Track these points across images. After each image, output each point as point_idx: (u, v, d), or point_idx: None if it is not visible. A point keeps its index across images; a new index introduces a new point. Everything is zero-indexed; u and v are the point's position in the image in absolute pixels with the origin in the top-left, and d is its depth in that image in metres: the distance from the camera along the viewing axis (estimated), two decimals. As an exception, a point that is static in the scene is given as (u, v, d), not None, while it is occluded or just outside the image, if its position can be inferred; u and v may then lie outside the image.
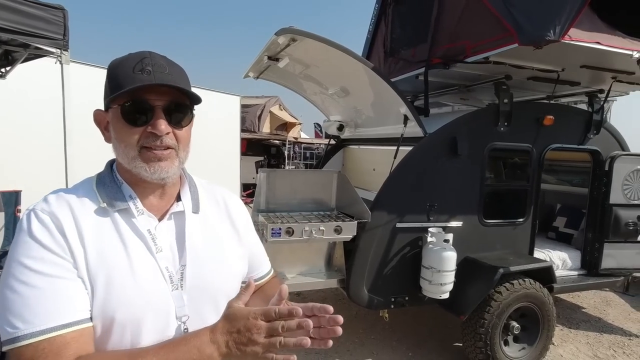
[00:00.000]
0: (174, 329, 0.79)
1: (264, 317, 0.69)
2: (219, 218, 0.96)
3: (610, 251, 3.55)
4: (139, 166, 0.79)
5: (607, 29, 2.62)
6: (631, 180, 3.57)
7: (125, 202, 0.81)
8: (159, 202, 0.87)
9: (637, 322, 4.15)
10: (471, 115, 3.18)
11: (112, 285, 0.74)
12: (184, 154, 0.85)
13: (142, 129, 0.78)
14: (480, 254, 3.12)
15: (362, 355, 3.28)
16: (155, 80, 0.76)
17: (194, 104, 0.86)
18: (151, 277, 0.79)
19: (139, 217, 0.82)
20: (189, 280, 0.82)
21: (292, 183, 3.03)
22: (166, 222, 0.86)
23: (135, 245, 0.79)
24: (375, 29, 4.33)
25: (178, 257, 0.83)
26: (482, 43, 2.82)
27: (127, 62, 0.79)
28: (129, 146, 0.79)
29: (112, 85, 0.78)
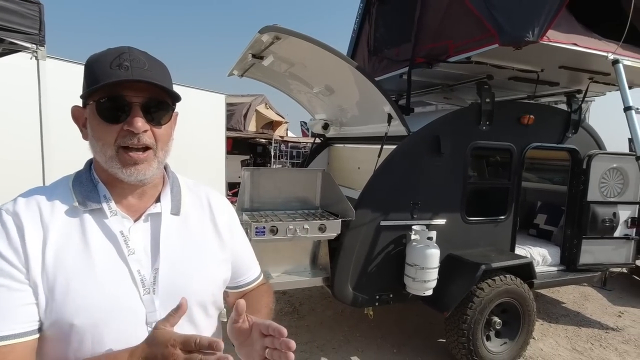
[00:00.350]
0: (143, 335, 0.74)
1: (183, 346, 0.63)
2: (202, 220, 0.93)
3: (588, 247, 3.65)
4: (115, 167, 0.77)
5: (583, 31, 2.69)
6: (607, 178, 3.67)
7: (99, 202, 0.79)
8: (137, 202, 0.84)
9: (614, 315, 4.28)
10: (454, 115, 3.22)
11: (71, 289, 0.71)
12: (162, 154, 0.82)
13: (119, 126, 0.75)
14: (463, 251, 3.17)
15: (348, 352, 3.30)
16: (132, 75, 0.74)
17: (175, 102, 0.83)
18: (118, 281, 0.76)
19: (111, 218, 0.79)
20: (162, 284, 0.79)
21: (277, 182, 3.01)
22: (142, 223, 0.83)
23: (104, 247, 0.77)
24: (359, 28, 4.35)
25: (152, 260, 0.80)
26: (464, 43, 2.86)
27: (104, 57, 0.76)
28: (106, 145, 0.76)
29: (88, 81, 0.76)
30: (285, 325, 2.33)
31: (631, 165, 3.67)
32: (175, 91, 0.81)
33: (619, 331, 3.89)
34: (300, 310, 4.09)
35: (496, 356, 3.04)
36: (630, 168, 3.68)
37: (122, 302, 0.75)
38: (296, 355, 2.65)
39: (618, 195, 3.71)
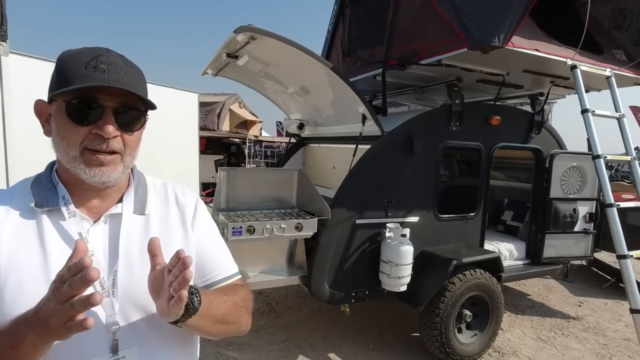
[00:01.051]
0: (101, 338, 0.74)
1: (59, 278, 0.58)
2: (167, 219, 0.90)
3: (551, 241, 3.86)
4: (78, 167, 0.75)
5: (545, 37, 2.84)
6: (568, 176, 3.89)
7: (57, 203, 0.77)
8: (100, 204, 0.82)
9: (575, 305, 4.53)
10: (426, 115, 3.33)
11: (22, 291, 0.69)
12: (129, 159, 0.81)
13: (88, 129, 0.74)
14: (435, 247, 3.27)
15: (325, 349, 3.34)
16: (109, 81, 0.72)
17: (148, 109, 0.82)
18: None
19: (69, 219, 0.77)
20: (121, 287, 0.77)
21: (253, 182, 3.01)
22: (102, 224, 0.81)
23: (60, 249, 0.75)
24: (334, 29, 4.40)
25: (111, 262, 0.78)
26: (435, 46, 2.96)
27: (80, 56, 0.74)
28: (71, 145, 0.74)
29: (60, 78, 0.74)
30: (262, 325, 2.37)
31: (589, 164, 3.88)
32: (150, 100, 0.79)
33: (579, 320, 4.13)
34: (277, 309, 4.10)
35: (467, 347, 3.17)
36: (588, 167, 3.91)
37: None
38: (274, 354, 2.70)
39: (577, 192, 3.94)
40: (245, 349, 3.25)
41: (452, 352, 3.07)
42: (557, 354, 3.42)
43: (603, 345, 3.62)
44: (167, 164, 6.36)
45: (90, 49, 0.76)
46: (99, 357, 0.73)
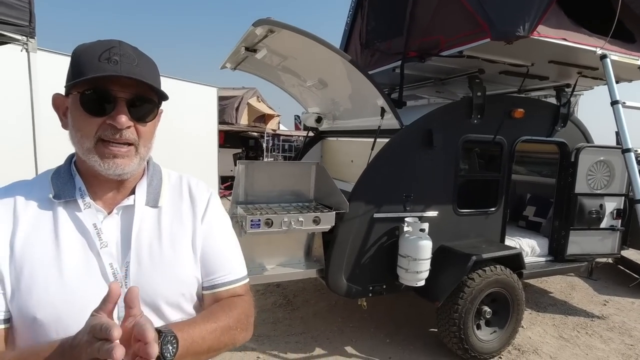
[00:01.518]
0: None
1: (91, 331, 0.58)
2: (180, 213, 0.89)
3: (575, 238, 3.74)
4: (92, 159, 0.76)
5: (572, 26, 2.73)
6: (594, 171, 3.75)
7: (73, 195, 0.79)
8: (115, 195, 0.84)
9: (600, 304, 4.40)
10: (446, 108, 3.26)
11: (35, 282, 0.71)
12: (144, 150, 0.81)
13: (102, 120, 0.74)
14: (455, 242, 3.23)
15: (342, 342, 3.35)
16: (121, 71, 0.73)
17: (161, 100, 0.82)
18: (87, 274, 0.75)
19: (85, 210, 0.78)
20: (133, 279, 0.78)
21: (271, 175, 3.03)
22: (115, 216, 0.82)
23: (75, 240, 0.76)
24: (352, 21, 4.35)
25: (123, 253, 0.80)
26: (456, 37, 2.89)
27: (93, 49, 0.75)
28: (85, 136, 0.75)
29: (74, 71, 0.75)
30: (279, 317, 2.37)
31: (617, 158, 3.75)
32: (163, 90, 0.80)
33: (604, 319, 4.01)
34: (294, 302, 4.13)
35: (486, 344, 3.12)
36: (616, 161, 3.77)
37: (89, 295, 0.72)
38: (291, 346, 2.73)
39: (605, 188, 3.80)
40: (262, 340, 3.30)
41: (470, 349, 3.04)
42: (580, 354, 3.33)
43: (629, 345, 3.50)
44: (186, 158, 6.48)
45: (103, 41, 0.77)
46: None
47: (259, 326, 3.49)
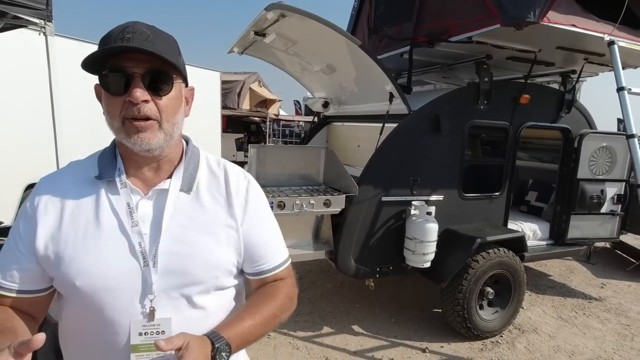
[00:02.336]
0: (139, 304, 0.80)
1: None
2: (215, 200, 0.90)
3: (576, 222, 3.83)
4: (122, 137, 0.79)
5: (581, 12, 2.75)
6: (597, 157, 3.82)
7: (113, 175, 0.84)
8: (152, 177, 0.87)
9: (597, 287, 4.53)
10: (453, 94, 3.30)
11: (75, 255, 0.78)
12: (168, 125, 0.82)
13: (122, 98, 0.77)
14: (460, 225, 3.31)
15: (348, 321, 3.47)
16: (131, 44, 0.74)
17: (180, 74, 0.84)
18: (119, 250, 0.80)
19: (121, 189, 0.83)
20: (162, 260, 0.81)
21: (282, 159, 3.09)
22: (150, 198, 0.85)
23: (111, 218, 0.81)
24: (360, 5, 4.34)
25: (154, 234, 0.82)
26: (466, 23, 2.91)
27: (111, 32, 0.77)
28: (113, 117, 0.78)
29: (97, 54, 0.77)
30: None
31: (619, 144, 3.82)
32: (176, 62, 0.80)
33: (601, 301, 4.14)
34: (300, 283, 4.24)
35: (488, 323, 3.24)
36: (618, 147, 3.83)
37: (120, 270, 0.79)
38: (300, 325, 2.85)
39: (606, 173, 3.87)
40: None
41: (473, 327, 3.15)
42: (578, 333, 3.46)
43: (625, 325, 3.63)
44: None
45: (120, 25, 0.79)
46: (137, 320, 0.79)
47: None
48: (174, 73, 0.82)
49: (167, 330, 0.80)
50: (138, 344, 0.79)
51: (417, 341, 3.21)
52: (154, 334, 0.79)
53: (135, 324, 0.79)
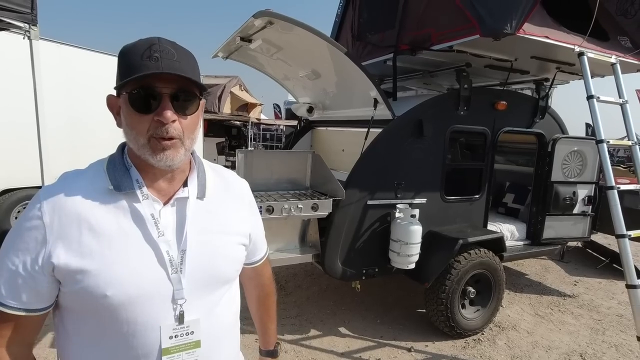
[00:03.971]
0: (170, 310, 0.83)
1: None
2: (225, 203, 0.97)
3: (550, 223, 4.01)
4: (146, 154, 0.82)
5: (554, 25, 2.91)
6: (569, 160, 4.01)
7: (132, 186, 0.83)
8: (167, 186, 0.89)
9: (570, 284, 4.74)
10: (435, 100, 3.42)
11: (103, 266, 0.78)
12: (189, 142, 0.86)
13: (150, 117, 0.79)
14: (442, 227, 3.42)
15: (335, 323, 3.52)
16: (162, 68, 0.77)
17: (202, 92, 0.88)
18: (149, 260, 0.82)
19: (143, 201, 0.84)
20: (189, 265, 0.85)
21: (269, 163, 3.12)
22: (170, 207, 0.88)
23: (137, 228, 0.82)
24: (343, 12, 4.42)
25: (178, 241, 0.86)
26: (447, 32, 3.03)
27: (136, 48, 0.79)
28: (139, 134, 0.80)
29: (121, 72, 0.80)
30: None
31: (589, 148, 4.03)
32: (202, 82, 0.85)
33: (574, 298, 4.34)
34: (286, 287, 4.26)
35: (470, 322, 3.35)
36: (588, 151, 4.05)
37: (151, 279, 0.82)
38: (287, 328, 2.88)
39: (577, 176, 4.08)
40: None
41: (456, 326, 3.26)
42: (554, 329, 3.62)
43: (597, 320, 3.82)
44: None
45: (143, 40, 0.81)
46: (168, 324, 0.83)
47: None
48: (198, 91, 0.85)
49: (195, 331, 0.86)
50: (169, 346, 0.83)
51: (403, 341, 3.29)
52: (183, 335, 0.85)
53: (166, 328, 0.83)
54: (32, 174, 3.63)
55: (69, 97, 4.87)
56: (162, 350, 0.82)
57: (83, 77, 5.04)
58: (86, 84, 5.02)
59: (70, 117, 4.91)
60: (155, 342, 0.82)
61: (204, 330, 0.87)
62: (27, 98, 2.61)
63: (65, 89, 4.80)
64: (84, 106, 5.03)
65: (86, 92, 5.00)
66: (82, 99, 5.02)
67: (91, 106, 4.85)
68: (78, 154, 4.74)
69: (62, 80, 4.69)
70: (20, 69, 2.74)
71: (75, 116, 4.97)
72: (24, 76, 2.55)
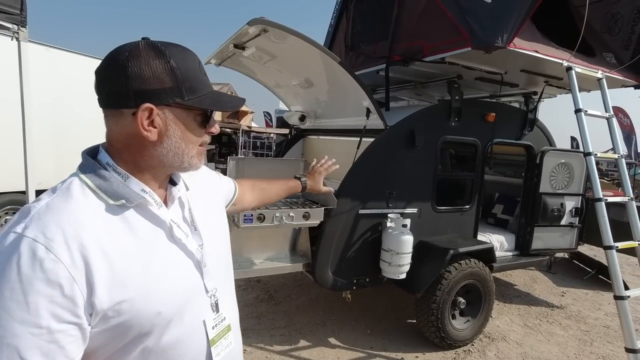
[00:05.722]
0: (207, 302, 0.87)
1: None
2: (199, 185, 0.99)
3: (539, 234, 4.06)
4: (192, 162, 0.84)
5: (543, 40, 2.98)
6: (556, 172, 4.08)
7: (140, 197, 0.77)
8: (162, 188, 0.87)
9: (558, 295, 4.78)
10: (427, 110, 3.45)
11: (147, 284, 0.73)
12: None
13: (204, 130, 0.85)
14: (433, 237, 3.42)
15: (325, 334, 3.47)
16: (235, 102, 0.87)
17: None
18: (184, 263, 0.83)
19: (159, 209, 0.81)
20: (207, 255, 0.88)
21: (260, 171, 3.10)
22: (177, 207, 0.88)
23: (162, 237, 0.80)
24: (336, 22, 4.46)
25: (196, 237, 0.88)
26: (439, 44, 3.07)
27: (191, 61, 0.79)
28: (194, 146, 0.83)
29: (186, 86, 0.76)
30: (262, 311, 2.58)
31: (577, 160, 4.11)
32: None
33: (562, 308, 4.37)
34: (275, 296, 4.20)
35: (460, 333, 3.34)
36: (575, 163, 4.12)
37: (191, 280, 0.84)
38: (276, 339, 2.84)
39: (565, 188, 4.14)
40: (247, 334, 3.35)
41: (446, 337, 3.24)
42: (543, 339, 3.63)
43: (585, 331, 3.85)
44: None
45: (188, 52, 0.80)
46: (208, 316, 0.87)
47: (244, 320, 3.52)
48: None
49: (227, 316, 0.92)
50: (213, 337, 0.87)
51: (393, 352, 3.26)
52: (220, 322, 0.90)
53: (208, 321, 0.87)
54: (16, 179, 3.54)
55: (57, 102, 4.79)
56: (210, 341, 0.86)
57: (72, 82, 4.96)
58: (75, 89, 4.94)
59: (58, 122, 4.83)
60: (202, 337, 0.85)
61: (229, 312, 0.93)
62: (13, 102, 2.56)
63: (53, 94, 4.72)
64: (72, 111, 4.94)
65: (75, 96, 4.92)
66: (70, 104, 4.94)
67: (80, 111, 4.77)
68: (64, 159, 4.64)
69: (51, 84, 4.62)
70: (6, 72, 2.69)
71: (63, 121, 4.89)
72: (10, 80, 2.50)
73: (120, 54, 0.74)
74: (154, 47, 0.75)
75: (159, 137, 0.77)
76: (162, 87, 0.74)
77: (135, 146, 0.78)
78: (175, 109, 0.78)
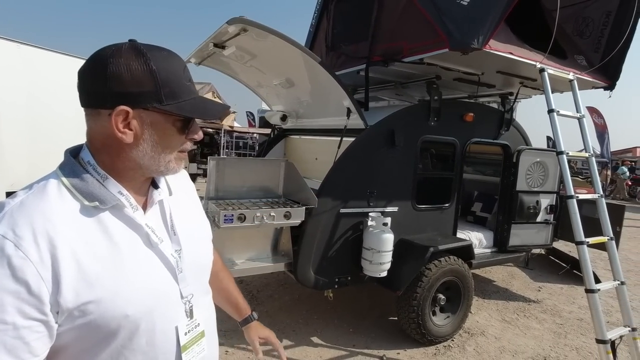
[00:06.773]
0: (181, 308, 0.86)
1: None
2: (182, 191, 0.99)
3: (516, 231, 4.16)
4: (169, 167, 0.83)
5: (517, 42, 3.07)
6: (532, 171, 4.20)
7: (116, 198, 0.77)
8: (142, 191, 0.86)
9: (535, 290, 4.92)
10: (407, 110, 3.50)
11: (117, 286, 0.73)
12: None
13: (184, 135, 0.82)
14: (413, 235, 3.47)
15: (308, 333, 3.48)
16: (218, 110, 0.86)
17: None
18: (158, 267, 0.82)
19: (135, 212, 0.80)
20: (185, 260, 0.87)
21: (241, 171, 3.08)
22: (155, 210, 0.87)
23: (136, 240, 0.79)
24: (317, 23, 4.48)
25: (174, 242, 0.87)
26: (418, 45, 3.12)
27: (174, 67, 0.77)
28: (172, 151, 0.82)
29: (166, 91, 0.75)
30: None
31: (551, 159, 4.24)
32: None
33: (538, 303, 4.50)
34: (258, 297, 4.19)
35: (441, 329, 3.40)
36: (550, 162, 4.25)
37: (163, 284, 0.82)
38: (262, 337, 2.72)
39: (540, 186, 4.27)
40: (230, 335, 3.32)
41: (427, 333, 3.30)
42: (520, 333, 3.74)
43: (559, 324, 3.98)
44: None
45: (174, 55, 0.79)
46: (181, 322, 0.86)
47: (225, 321, 3.50)
48: None
49: (201, 322, 0.91)
50: (185, 343, 0.86)
51: (375, 349, 3.29)
52: (193, 329, 0.89)
53: (181, 327, 0.85)
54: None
55: (31, 101, 4.63)
56: (181, 347, 0.85)
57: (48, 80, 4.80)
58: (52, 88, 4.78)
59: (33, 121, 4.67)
60: (173, 343, 0.84)
61: (203, 319, 0.92)
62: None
63: (26, 92, 4.57)
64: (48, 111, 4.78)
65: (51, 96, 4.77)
66: (47, 103, 4.78)
67: (57, 111, 4.62)
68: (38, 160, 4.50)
69: (24, 82, 4.47)
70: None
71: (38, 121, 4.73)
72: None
73: (103, 54, 0.74)
74: (136, 49, 0.75)
75: (135, 140, 0.76)
76: (139, 91, 0.74)
77: (112, 147, 0.77)
78: (153, 113, 0.76)
